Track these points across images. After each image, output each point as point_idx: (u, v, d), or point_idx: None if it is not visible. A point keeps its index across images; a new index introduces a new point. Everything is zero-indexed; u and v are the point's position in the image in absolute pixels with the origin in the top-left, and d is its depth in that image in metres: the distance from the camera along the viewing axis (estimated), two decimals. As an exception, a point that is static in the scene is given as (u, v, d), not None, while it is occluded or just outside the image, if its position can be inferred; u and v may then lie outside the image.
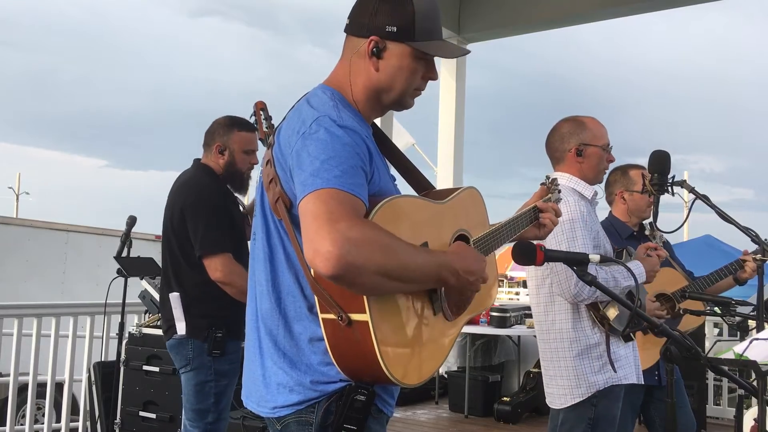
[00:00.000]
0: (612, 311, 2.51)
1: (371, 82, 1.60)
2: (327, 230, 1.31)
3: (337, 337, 1.43)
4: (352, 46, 1.61)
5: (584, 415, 2.50)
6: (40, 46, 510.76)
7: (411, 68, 1.60)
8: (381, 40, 1.57)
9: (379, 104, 1.64)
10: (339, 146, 1.42)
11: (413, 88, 1.63)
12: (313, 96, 1.58)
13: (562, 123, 2.72)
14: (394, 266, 1.35)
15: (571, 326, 2.52)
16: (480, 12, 6.71)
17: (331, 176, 1.38)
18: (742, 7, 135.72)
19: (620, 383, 2.54)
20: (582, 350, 2.51)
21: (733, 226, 2.87)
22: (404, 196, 1.57)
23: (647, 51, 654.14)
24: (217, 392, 2.87)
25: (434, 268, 1.44)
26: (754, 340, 2.06)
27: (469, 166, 20.45)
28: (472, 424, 5.82)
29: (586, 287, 2.39)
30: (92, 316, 4.70)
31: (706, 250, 10.82)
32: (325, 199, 1.36)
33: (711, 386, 5.95)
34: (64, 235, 10.99)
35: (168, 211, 2.99)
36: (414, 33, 1.57)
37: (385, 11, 1.56)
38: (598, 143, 2.66)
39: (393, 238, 1.38)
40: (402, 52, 1.58)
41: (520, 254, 1.87)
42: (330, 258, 1.29)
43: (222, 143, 3.03)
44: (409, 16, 1.56)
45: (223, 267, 2.82)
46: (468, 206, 1.76)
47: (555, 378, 2.56)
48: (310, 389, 1.48)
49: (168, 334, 2.94)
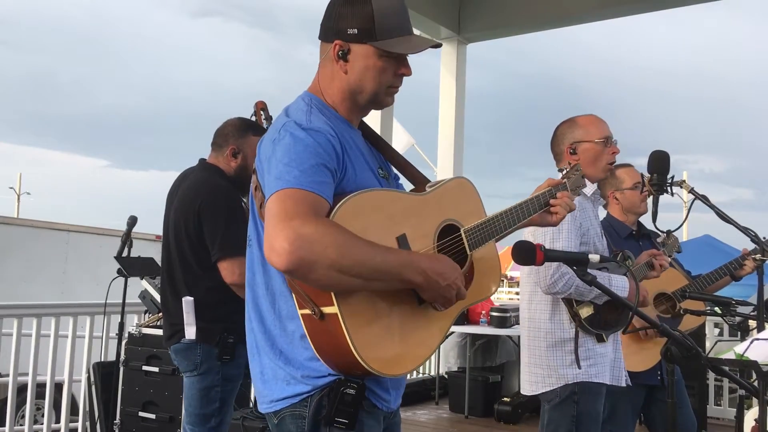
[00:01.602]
0: (585, 310, 2.56)
1: (343, 84, 1.64)
2: (281, 228, 1.37)
3: (315, 331, 1.48)
4: (323, 51, 1.66)
5: (567, 413, 2.54)
6: (40, 46, 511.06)
7: (378, 67, 1.62)
8: (344, 43, 1.61)
9: (356, 105, 1.67)
10: (300, 148, 1.48)
11: (386, 86, 1.65)
12: (292, 104, 1.65)
13: (559, 125, 2.78)
14: (348, 263, 1.38)
15: (548, 317, 2.59)
16: (480, 12, 6.71)
17: (290, 177, 1.44)
18: (742, 7, 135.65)
19: (591, 381, 2.56)
20: (556, 342, 2.56)
21: (732, 226, 2.87)
22: (375, 189, 1.59)
23: (647, 51, 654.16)
24: (222, 397, 2.84)
25: (395, 267, 1.45)
26: (754, 340, 2.06)
27: (469, 165, 20.45)
28: (472, 425, 5.82)
29: (561, 281, 2.45)
30: (92, 316, 4.70)
31: (705, 250, 10.81)
32: (283, 198, 1.42)
33: (712, 386, 5.95)
34: (64, 235, 11.00)
35: (177, 213, 2.90)
36: (375, 32, 1.59)
37: (345, 14, 1.60)
38: (590, 138, 2.67)
39: (348, 235, 1.40)
40: (366, 53, 1.61)
41: (519, 254, 1.87)
42: (282, 253, 1.35)
43: (236, 146, 2.98)
44: (368, 17, 1.59)
45: (241, 270, 2.73)
46: (456, 196, 1.76)
47: (530, 366, 2.63)
48: (302, 383, 1.53)
49: (174, 338, 2.88)
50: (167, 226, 2.98)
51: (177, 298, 2.88)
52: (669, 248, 2.85)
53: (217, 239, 2.79)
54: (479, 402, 6.01)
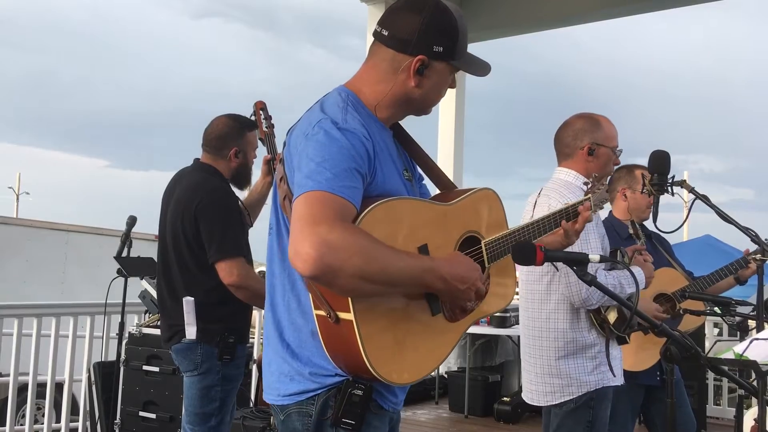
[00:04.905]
0: (612, 315, 2.52)
1: (406, 94, 1.62)
2: (307, 232, 1.35)
3: (328, 332, 1.48)
4: (388, 57, 1.61)
5: (583, 419, 2.50)
6: (41, 46, 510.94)
7: (447, 82, 1.66)
8: (428, 60, 1.59)
9: (404, 112, 1.69)
10: (335, 149, 1.45)
11: (440, 98, 1.69)
12: (328, 98, 1.62)
13: (576, 119, 2.67)
14: (373, 270, 1.37)
15: (569, 326, 2.51)
16: (480, 12, 6.71)
17: (322, 179, 1.42)
18: (742, 7, 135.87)
19: (610, 385, 2.54)
20: (577, 350, 2.51)
21: (733, 226, 2.87)
22: (402, 198, 1.58)
23: (647, 51, 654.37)
24: (222, 397, 2.84)
25: (418, 273, 1.45)
26: (754, 340, 2.07)
27: (469, 166, 20.38)
28: (472, 424, 5.82)
29: (596, 293, 2.37)
30: (92, 316, 4.69)
31: (706, 250, 10.81)
32: (311, 201, 1.40)
33: (711, 386, 5.94)
34: (64, 235, 10.98)
35: (174, 214, 2.90)
36: (456, 52, 1.62)
37: (432, 31, 1.59)
38: (610, 144, 2.62)
39: (373, 241, 1.39)
40: (444, 70, 1.63)
41: (519, 254, 1.87)
42: (308, 260, 1.33)
43: (239, 147, 2.99)
44: (454, 36, 1.61)
45: (239, 271, 2.76)
46: (481, 207, 1.76)
47: (543, 376, 2.55)
48: (309, 380, 1.52)
49: (174, 339, 2.87)
50: (163, 227, 2.97)
51: (174, 299, 2.88)
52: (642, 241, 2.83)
53: (214, 240, 2.79)
54: (479, 402, 6.01)
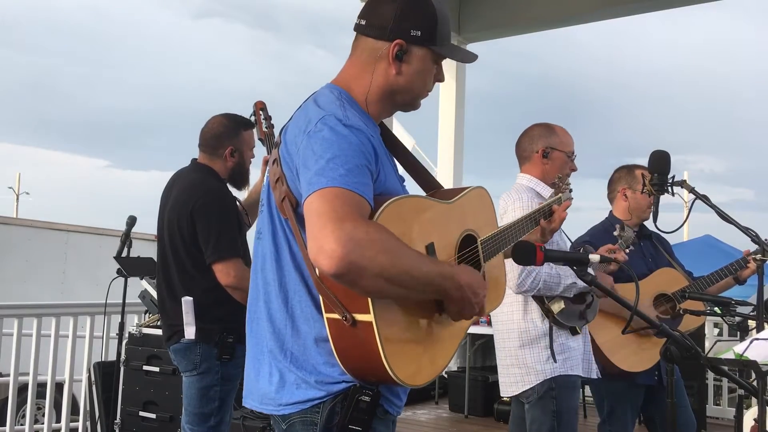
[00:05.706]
0: (557, 305, 2.65)
1: (389, 84, 1.60)
2: (331, 228, 1.31)
3: (342, 337, 1.42)
4: (368, 47, 1.60)
5: (548, 408, 2.64)
6: (41, 46, 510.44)
7: (429, 71, 1.62)
8: (406, 44, 1.57)
9: (391, 105, 1.65)
10: (345, 145, 1.42)
11: (427, 90, 1.65)
12: (320, 95, 1.59)
13: (533, 126, 2.92)
14: (397, 271, 1.34)
15: (521, 317, 2.69)
16: (480, 12, 6.71)
17: (336, 175, 1.38)
18: (742, 6, 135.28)
19: (567, 374, 2.66)
20: (531, 340, 2.67)
21: (733, 226, 2.87)
22: (410, 195, 1.57)
23: (647, 51, 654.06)
24: (221, 396, 2.85)
25: (438, 278, 1.43)
26: (754, 340, 2.07)
27: (469, 166, 20.43)
28: (472, 424, 5.82)
29: (529, 278, 2.56)
30: (92, 316, 4.70)
31: (706, 250, 10.81)
32: (330, 197, 1.35)
33: (711, 386, 5.95)
34: (64, 235, 10.99)
35: (172, 215, 2.90)
36: (436, 37, 1.59)
37: (408, 14, 1.57)
38: (563, 149, 2.84)
39: (398, 242, 1.37)
40: (424, 56, 1.60)
41: (519, 254, 1.87)
42: (334, 256, 1.29)
43: (234, 146, 2.99)
44: (432, 20, 1.58)
45: (236, 272, 2.76)
46: (475, 206, 1.76)
47: (508, 367, 2.73)
48: (315, 388, 1.47)
49: (173, 338, 2.88)
50: (161, 228, 2.98)
51: (173, 299, 2.88)
52: (625, 241, 2.84)
53: (211, 241, 2.79)
54: (479, 401, 6.01)
